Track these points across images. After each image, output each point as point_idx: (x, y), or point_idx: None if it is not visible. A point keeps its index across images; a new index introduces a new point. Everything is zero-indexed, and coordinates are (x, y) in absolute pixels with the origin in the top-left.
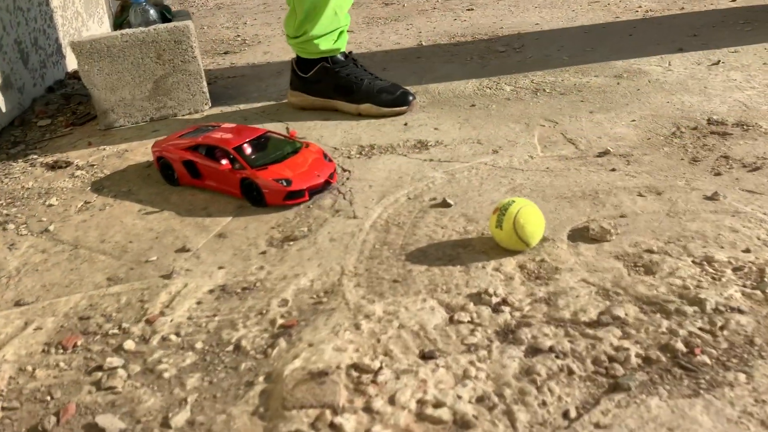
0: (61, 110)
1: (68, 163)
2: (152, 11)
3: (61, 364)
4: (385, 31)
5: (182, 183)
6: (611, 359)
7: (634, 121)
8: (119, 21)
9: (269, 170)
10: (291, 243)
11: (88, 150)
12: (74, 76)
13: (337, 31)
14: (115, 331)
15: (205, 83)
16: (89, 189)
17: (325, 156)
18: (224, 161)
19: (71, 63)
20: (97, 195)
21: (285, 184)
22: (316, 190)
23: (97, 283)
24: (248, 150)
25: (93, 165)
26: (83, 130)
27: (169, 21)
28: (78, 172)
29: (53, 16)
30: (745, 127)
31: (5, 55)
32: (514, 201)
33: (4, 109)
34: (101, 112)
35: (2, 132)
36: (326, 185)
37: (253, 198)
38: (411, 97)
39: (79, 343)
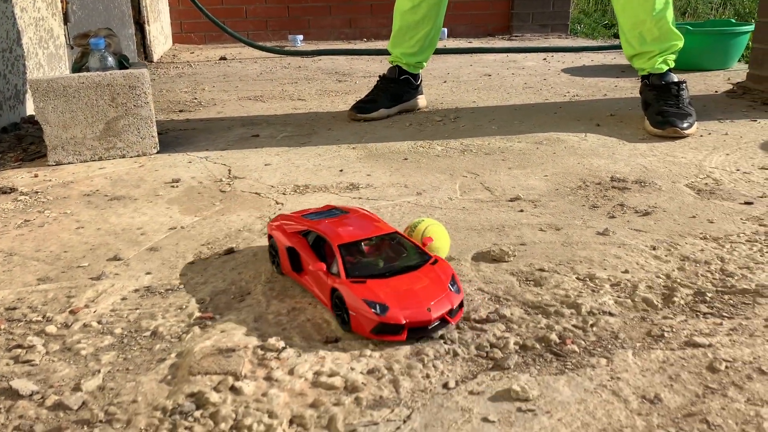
0: (12, 148)
1: (12, 190)
2: (110, 58)
3: None
4: (335, 101)
5: (285, 272)
6: (492, 346)
7: (546, 176)
8: (78, 66)
9: (364, 286)
10: (217, 257)
11: (33, 180)
12: (29, 120)
13: None
14: (39, 318)
15: (155, 128)
16: (30, 210)
17: (453, 283)
18: (316, 258)
19: (29, 109)
20: (38, 215)
21: (378, 311)
22: (420, 329)
23: (27, 282)
24: (359, 252)
25: (37, 192)
26: (31, 165)
27: (126, 69)
28: (21, 197)
29: (15, 63)
30: (642, 184)
31: None
32: (423, 220)
33: None
34: (52, 147)
35: None
36: (442, 324)
37: (341, 318)
38: None
39: (2, 327)
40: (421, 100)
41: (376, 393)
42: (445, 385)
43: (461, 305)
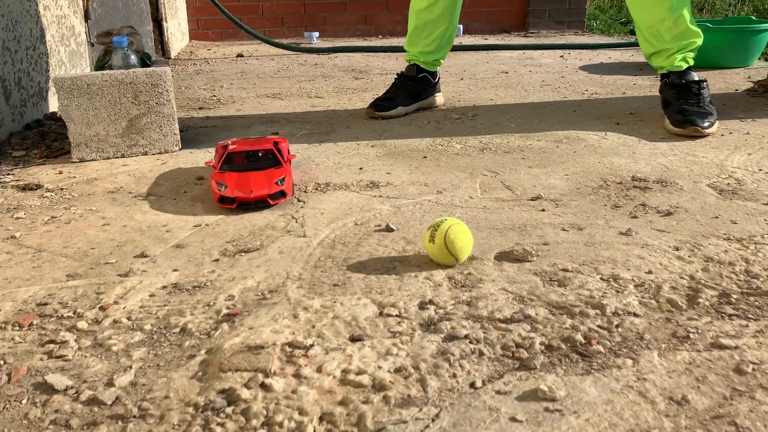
0: (36, 145)
1: (39, 186)
2: (133, 56)
3: (16, 338)
4: (352, 98)
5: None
6: (518, 346)
7: (567, 175)
8: (101, 64)
9: (225, 175)
10: (243, 254)
11: (58, 176)
12: (52, 117)
13: None
14: (70, 314)
15: (176, 126)
16: (57, 206)
17: (281, 182)
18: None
19: (51, 105)
20: (64, 212)
21: (221, 188)
22: (247, 204)
23: (57, 278)
24: (237, 158)
25: (62, 189)
26: (56, 162)
27: (148, 66)
28: (47, 194)
29: (38, 61)
30: (664, 183)
31: None
32: (446, 219)
33: None
34: (75, 145)
35: None
36: (263, 204)
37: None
38: None
39: (34, 322)
40: (439, 98)
41: (404, 392)
42: (472, 385)
43: (283, 194)
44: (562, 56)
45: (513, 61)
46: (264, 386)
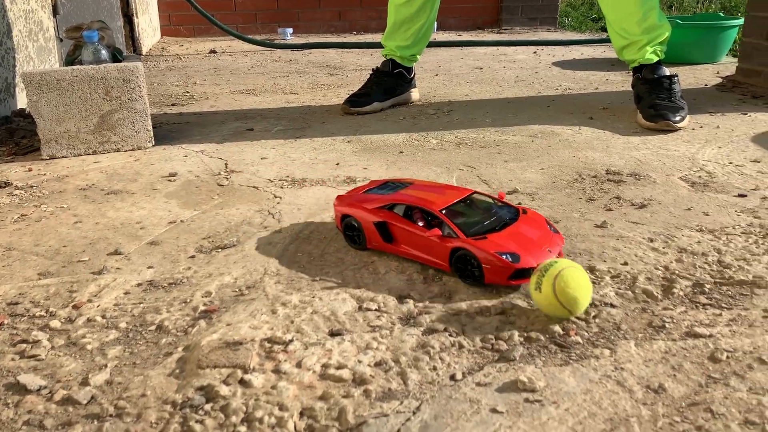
0: (4, 142)
1: (7, 184)
2: (104, 51)
3: None
4: (327, 94)
5: (370, 247)
6: (498, 338)
7: (542, 169)
8: (71, 59)
9: (489, 241)
10: (219, 250)
11: (28, 174)
12: (20, 114)
13: None
14: (42, 313)
15: (149, 122)
16: (26, 204)
17: (550, 226)
18: (423, 225)
19: (20, 102)
20: (34, 209)
21: (511, 260)
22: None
23: (28, 277)
24: (458, 214)
25: (32, 186)
26: (25, 159)
27: (120, 62)
28: (16, 191)
29: (5, 57)
30: (637, 177)
31: None
32: (556, 262)
33: None
34: (45, 141)
35: None
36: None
37: (468, 273)
38: None
39: (5, 322)
40: (415, 94)
41: (385, 385)
42: (453, 377)
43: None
44: (535, 52)
45: (487, 57)
46: (243, 382)
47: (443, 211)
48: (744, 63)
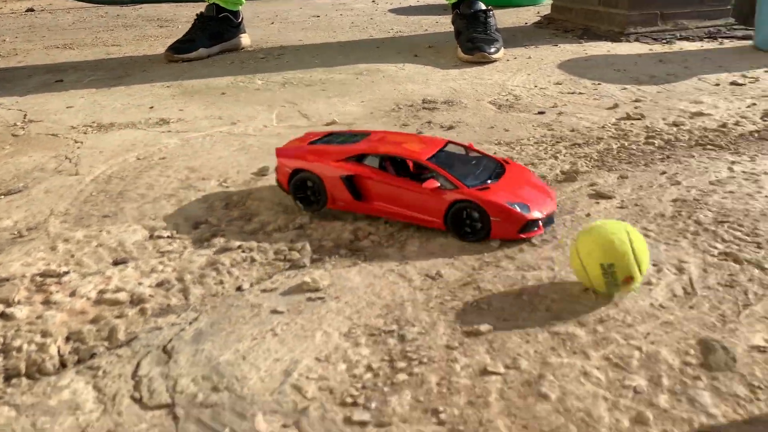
0: None
1: None
2: None
3: None
4: (153, 44)
5: (333, 207)
6: (291, 249)
7: (363, 102)
8: None
9: (494, 191)
10: (2, 197)
11: None
12: None
13: None
14: None
15: None
16: None
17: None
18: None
19: None
20: None
21: (522, 210)
22: (547, 221)
23: None
24: (447, 164)
25: None
26: None
27: None
28: None
29: None
30: (450, 103)
31: None
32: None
33: None
34: None
35: None
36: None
37: (467, 228)
38: None
39: None
40: (245, 39)
41: (163, 302)
42: (239, 288)
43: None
44: (374, 1)
45: (327, 6)
46: (4, 316)
47: (432, 160)
48: (558, 1)
